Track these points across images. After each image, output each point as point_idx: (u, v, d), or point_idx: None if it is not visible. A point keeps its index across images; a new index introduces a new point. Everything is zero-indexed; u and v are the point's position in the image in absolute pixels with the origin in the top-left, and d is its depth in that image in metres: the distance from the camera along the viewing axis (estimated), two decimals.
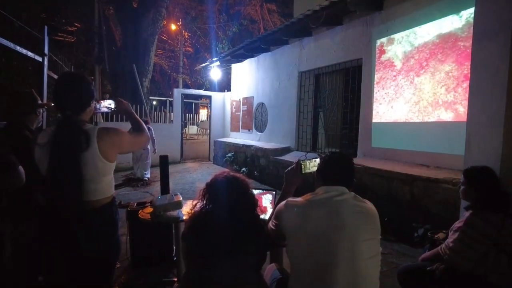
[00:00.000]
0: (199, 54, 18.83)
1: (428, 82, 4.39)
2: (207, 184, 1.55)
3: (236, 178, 1.53)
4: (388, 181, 4.27)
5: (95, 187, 1.51)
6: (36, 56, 2.75)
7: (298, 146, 6.92)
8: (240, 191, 1.50)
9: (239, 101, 9.70)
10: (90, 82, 1.61)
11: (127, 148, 1.67)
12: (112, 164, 1.56)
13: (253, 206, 1.55)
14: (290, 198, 1.57)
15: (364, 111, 5.43)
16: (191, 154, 11.40)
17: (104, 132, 1.52)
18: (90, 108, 1.59)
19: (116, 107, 1.82)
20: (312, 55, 6.61)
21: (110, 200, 1.61)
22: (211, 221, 1.45)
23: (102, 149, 1.48)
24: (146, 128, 1.82)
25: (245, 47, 7.68)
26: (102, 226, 1.56)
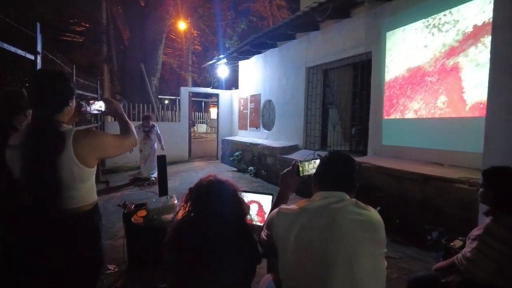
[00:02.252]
0: (208, 52, 18.75)
1: (444, 77, 4.13)
2: (190, 189, 1.41)
3: (221, 182, 1.38)
4: (399, 181, 4.05)
5: (73, 194, 1.39)
6: (28, 54, 2.65)
7: (306, 144, 6.73)
8: (225, 196, 1.35)
9: (246, 98, 9.55)
10: (68, 80, 1.48)
11: (110, 152, 1.55)
12: (90, 169, 1.43)
13: (241, 212, 1.40)
14: (283, 205, 1.41)
15: (374, 107, 5.20)
16: (199, 152, 11.33)
17: (81, 134, 1.38)
18: (69, 108, 1.46)
19: (106, 109, 1.70)
20: (319, 49, 6.39)
21: (91, 207, 1.48)
22: (193, 230, 1.31)
23: (78, 153, 1.35)
24: (134, 130, 1.68)
25: (251, 43, 7.51)
26: (82, 236, 1.44)
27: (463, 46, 3.93)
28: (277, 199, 1.62)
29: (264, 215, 1.87)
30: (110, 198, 5.87)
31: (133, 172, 8.13)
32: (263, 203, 1.91)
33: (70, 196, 1.38)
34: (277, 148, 6.79)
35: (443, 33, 4.17)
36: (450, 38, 4.08)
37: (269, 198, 1.92)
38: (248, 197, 1.85)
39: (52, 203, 1.33)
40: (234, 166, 8.83)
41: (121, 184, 6.95)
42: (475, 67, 3.77)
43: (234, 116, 10.71)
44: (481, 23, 3.73)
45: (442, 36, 4.18)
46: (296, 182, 1.65)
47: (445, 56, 4.14)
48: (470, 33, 3.86)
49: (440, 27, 4.21)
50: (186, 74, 17.63)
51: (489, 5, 3.77)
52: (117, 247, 3.43)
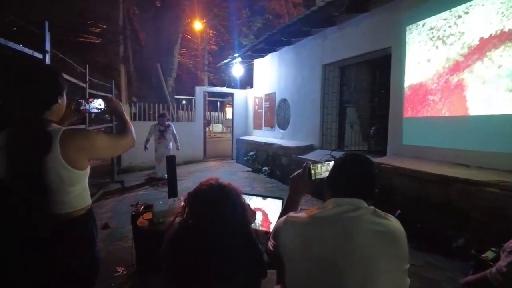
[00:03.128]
0: (223, 52, 18.73)
1: (473, 70, 3.85)
2: (188, 194, 1.28)
3: (222, 186, 1.25)
4: (420, 183, 3.81)
5: (63, 199, 1.29)
6: (35, 53, 2.61)
7: (322, 144, 6.52)
8: (227, 202, 1.22)
9: (261, 97, 9.42)
10: (55, 75, 1.37)
11: (103, 152, 1.44)
12: (81, 172, 1.32)
13: (244, 220, 1.26)
14: (291, 213, 1.26)
15: (393, 105, 4.95)
16: (214, 152, 11.29)
17: (69, 134, 1.28)
18: (58, 105, 1.36)
19: (106, 107, 1.60)
20: (336, 46, 6.17)
21: (83, 212, 1.38)
22: (190, 239, 1.18)
23: (66, 154, 1.24)
24: (133, 130, 1.57)
25: (265, 41, 7.36)
26: (73, 243, 1.34)
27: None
28: (286, 205, 1.48)
29: (269, 226, 1.73)
30: (123, 198, 5.88)
31: (148, 172, 8.16)
32: (271, 209, 1.77)
33: (59, 201, 1.28)
34: (292, 148, 6.62)
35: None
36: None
37: (278, 202, 1.77)
38: (253, 203, 1.71)
39: (39, 208, 1.24)
40: (248, 166, 8.72)
41: (135, 184, 6.96)
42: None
43: (249, 115, 10.60)
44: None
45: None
46: (308, 186, 1.50)
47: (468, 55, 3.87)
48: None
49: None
50: (202, 74, 17.67)
51: (496, 16, 3.51)
52: (126, 249, 3.37)
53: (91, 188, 4.80)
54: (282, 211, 1.48)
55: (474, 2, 3.82)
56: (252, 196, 1.86)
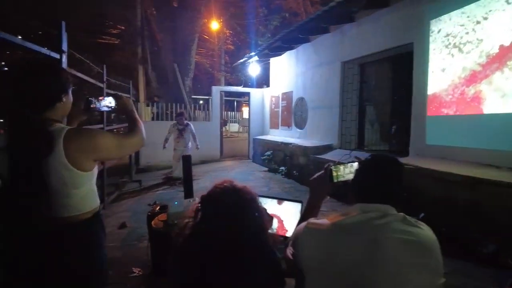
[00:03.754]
0: (240, 52, 18.72)
1: (492, 81, 3.64)
2: (202, 197, 1.21)
3: (237, 189, 1.17)
4: (446, 184, 3.61)
5: (66, 202, 1.24)
6: (52, 53, 2.62)
7: (341, 144, 6.35)
8: (242, 206, 1.13)
9: (278, 96, 9.31)
10: (59, 71, 1.31)
11: (110, 153, 1.35)
12: (86, 173, 1.26)
13: (260, 226, 1.18)
14: (312, 219, 1.17)
15: (416, 103, 4.74)
16: (230, 152, 11.27)
17: (73, 134, 1.22)
18: (63, 103, 1.29)
19: (116, 105, 1.55)
20: (355, 43, 5.99)
21: (89, 216, 1.32)
22: (201, 246, 1.11)
23: (69, 154, 1.19)
24: (143, 130, 1.51)
25: (282, 39, 7.25)
26: (78, 248, 1.28)
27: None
28: (306, 210, 1.39)
29: (285, 233, 1.63)
30: (141, 197, 5.93)
31: (165, 171, 8.21)
32: (289, 213, 1.68)
33: (62, 204, 1.23)
34: (310, 148, 6.48)
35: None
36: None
37: (297, 206, 1.68)
38: (268, 206, 1.62)
39: (41, 212, 1.19)
40: (265, 165, 8.63)
41: (153, 183, 7.02)
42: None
43: (266, 114, 10.51)
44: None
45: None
46: (328, 189, 1.40)
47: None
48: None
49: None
50: (218, 73, 17.72)
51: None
52: (143, 249, 3.37)
53: (109, 187, 4.85)
54: (302, 216, 1.38)
55: (494, 7, 3.61)
56: (268, 198, 1.78)
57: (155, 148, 7.37)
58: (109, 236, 3.99)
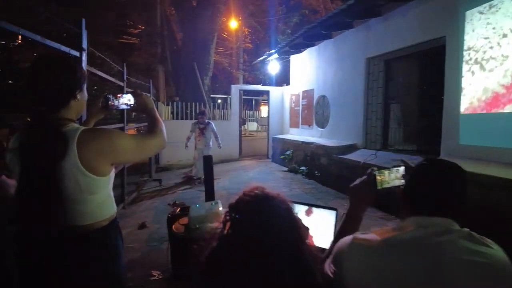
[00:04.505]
0: (259, 50, 18.60)
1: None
2: (230, 206, 1.07)
3: (270, 198, 1.02)
4: (484, 188, 3.33)
5: (82, 209, 1.13)
6: (72, 51, 2.56)
7: (365, 143, 6.09)
8: (276, 217, 0.99)
9: (298, 95, 9.11)
10: (73, 66, 1.19)
11: (129, 156, 1.25)
12: (102, 178, 1.15)
13: (297, 238, 1.03)
14: (358, 233, 1.01)
15: (449, 100, 4.45)
16: (249, 151, 11.16)
17: (88, 135, 1.11)
18: (77, 101, 1.18)
19: (135, 103, 1.44)
20: (381, 38, 5.72)
21: (107, 223, 1.21)
22: (232, 262, 0.97)
23: (84, 158, 1.08)
24: (164, 130, 1.38)
25: (304, 35, 7.05)
26: (94, 259, 1.17)
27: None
28: (345, 221, 1.22)
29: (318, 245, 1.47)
30: (161, 196, 5.90)
31: (185, 170, 8.19)
32: (322, 222, 1.51)
33: (77, 212, 1.12)
34: (333, 148, 6.25)
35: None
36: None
37: (331, 215, 1.52)
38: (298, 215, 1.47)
39: (55, 220, 1.08)
40: (285, 165, 8.45)
41: (173, 182, 6.99)
42: None
43: (285, 113, 10.32)
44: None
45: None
46: (372, 198, 1.23)
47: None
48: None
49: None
50: (237, 72, 17.65)
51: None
52: (163, 251, 3.28)
53: (128, 187, 4.80)
54: (340, 228, 1.22)
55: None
56: (298, 204, 1.63)
57: (175, 147, 7.38)
58: (129, 237, 3.95)
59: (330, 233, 1.52)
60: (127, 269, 3.15)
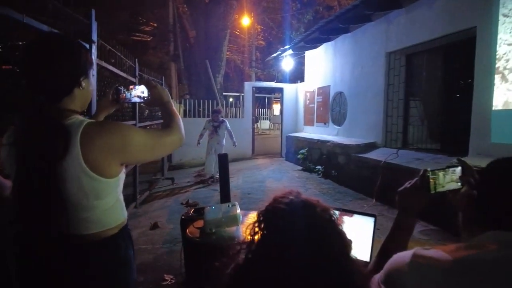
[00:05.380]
0: (271, 48, 18.40)
1: None
2: (260, 215, 0.88)
3: (309, 205, 0.83)
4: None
5: (87, 216, 0.96)
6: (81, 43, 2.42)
7: (385, 142, 5.82)
8: (318, 227, 0.80)
9: (313, 91, 8.86)
10: (77, 48, 0.99)
11: (143, 155, 1.05)
12: (111, 180, 0.97)
13: (342, 253, 0.83)
14: (419, 249, 0.81)
15: (479, 96, 4.16)
16: (262, 149, 11.00)
17: (95, 129, 0.94)
18: (82, 90, 1.00)
19: (149, 95, 1.28)
20: (402, 31, 5.44)
21: (116, 231, 1.04)
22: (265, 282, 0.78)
23: (89, 156, 0.90)
24: (181, 125, 1.20)
25: (320, 29, 6.80)
26: (103, 272, 1.01)
27: None
28: (394, 231, 1.02)
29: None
30: (174, 195, 5.78)
31: (198, 169, 8.09)
32: (358, 230, 1.31)
33: (83, 219, 0.95)
34: (351, 146, 6.00)
35: None
36: None
37: (369, 222, 1.32)
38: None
39: (57, 228, 0.91)
40: (299, 164, 8.24)
41: (186, 181, 6.89)
42: None
43: (299, 111, 10.09)
44: None
45: None
46: (424, 204, 1.02)
47: None
48: None
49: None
50: (249, 70, 17.49)
51: None
52: (176, 253, 3.14)
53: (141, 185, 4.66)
54: (386, 240, 1.02)
55: None
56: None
57: (188, 145, 7.23)
58: (141, 238, 3.83)
59: (367, 242, 1.32)
60: (139, 272, 3.04)
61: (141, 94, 1.30)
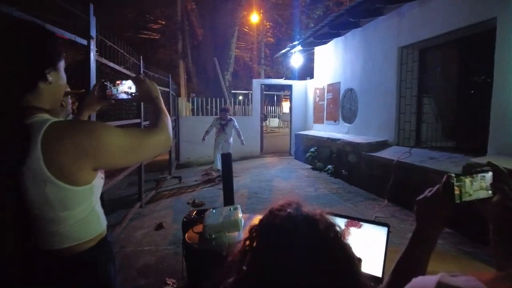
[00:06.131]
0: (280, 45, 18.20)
1: None
2: (252, 229, 0.75)
3: (310, 219, 0.69)
4: None
5: (54, 229, 0.84)
6: (78, 38, 2.33)
7: (398, 140, 5.61)
8: (321, 246, 0.67)
9: (323, 88, 8.66)
10: (39, 36, 0.86)
11: (120, 158, 0.89)
12: (80, 189, 0.84)
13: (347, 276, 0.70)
14: (446, 276, 0.66)
15: (499, 91, 3.93)
16: (271, 148, 10.86)
17: (59, 129, 0.81)
18: (49, 84, 0.86)
19: (137, 91, 1.16)
20: (416, 24, 5.21)
21: (94, 244, 0.92)
22: None
23: (52, 161, 0.78)
24: (170, 124, 1.08)
25: (329, 24, 6.60)
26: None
27: None
28: (413, 245, 0.87)
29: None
30: (181, 194, 5.70)
31: (206, 167, 8.01)
32: (368, 241, 1.17)
33: (49, 232, 0.84)
34: (362, 145, 5.81)
35: None
36: None
37: (381, 232, 1.17)
38: None
39: (20, 244, 0.80)
40: (308, 163, 8.07)
41: (193, 180, 6.80)
42: None
43: (309, 108, 9.90)
44: None
45: None
46: (448, 216, 0.86)
47: None
48: None
49: None
50: (258, 67, 17.33)
51: None
52: (180, 255, 3.03)
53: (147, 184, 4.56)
54: (404, 255, 0.87)
55: None
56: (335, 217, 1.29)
57: (196, 143, 7.30)
58: (145, 238, 3.75)
59: (380, 255, 1.18)
60: (141, 274, 2.95)
61: (128, 90, 1.19)
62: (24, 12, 1.85)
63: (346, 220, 1.27)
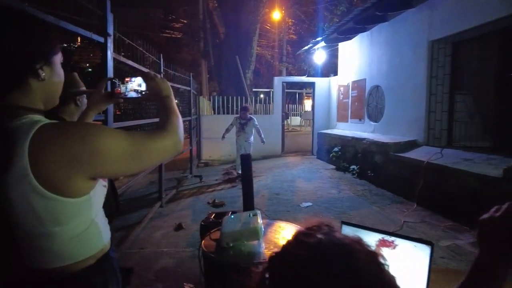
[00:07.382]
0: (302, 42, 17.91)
1: None
2: (273, 260, 0.61)
3: (348, 251, 0.55)
4: None
5: (45, 246, 0.74)
6: (94, 36, 2.28)
7: (428, 140, 5.29)
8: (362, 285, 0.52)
9: (347, 85, 8.38)
10: (28, 24, 0.74)
11: (121, 166, 0.77)
12: (75, 200, 0.73)
13: None
14: None
15: None
16: (292, 147, 10.70)
17: (50, 133, 0.70)
18: (41, 80, 0.75)
19: (147, 88, 1.07)
20: (448, 16, 4.88)
21: (91, 263, 0.81)
22: None
23: (41, 169, 0.68)
24: (181, 126, 0.95)
25: (354, 19, 6.34)
26: None
27: None
28: (473, 275, 0.70)
29: None
30: (201, 194, 5.67)
31: (227, 166, 7.97)
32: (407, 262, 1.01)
33: (41, 250, 0.74)
34: (390, 144, 5.53)
35: None
36: None
37: (424, 252, 1.00)
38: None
39: (7, 263, 0.71)
40: (332, 163, 7.83)
41: (214, 179, 6.77)
42: None
43: (332, 106, 9.62)
44: None
45: None
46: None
47: None
48: None
49: None
50: (280, 65, 17.13)
51: None
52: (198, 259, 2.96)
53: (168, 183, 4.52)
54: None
55: None
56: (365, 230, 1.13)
57: (217, 142, 7.28)
58: (164, 239, 3.71)
59: (420, 279, 1.01)
60: (159, 278, 2.89)
61: (138, 88, 1.10)
62: (38, 10, 1.80)
63: (378, 238, 1.11)
